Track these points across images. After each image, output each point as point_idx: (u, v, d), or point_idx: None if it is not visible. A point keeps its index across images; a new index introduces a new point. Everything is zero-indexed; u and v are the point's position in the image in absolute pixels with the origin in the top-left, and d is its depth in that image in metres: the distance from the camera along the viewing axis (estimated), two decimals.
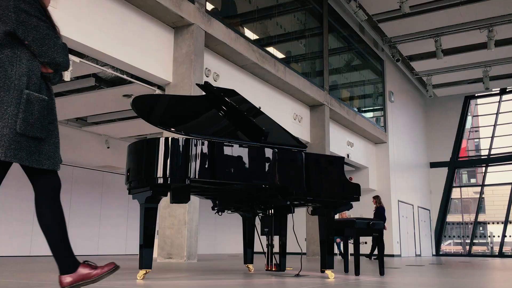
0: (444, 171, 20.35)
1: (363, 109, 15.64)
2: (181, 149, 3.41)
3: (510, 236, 19.18)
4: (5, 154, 2.12)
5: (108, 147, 11.12)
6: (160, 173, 3.35)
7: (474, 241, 20.33)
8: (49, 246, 2.25)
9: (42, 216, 2.27)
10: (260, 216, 4.61)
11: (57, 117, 2.44)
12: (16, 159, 2.16)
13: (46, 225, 2.26)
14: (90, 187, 12.13)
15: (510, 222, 19.07)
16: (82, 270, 2.27)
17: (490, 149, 20.39)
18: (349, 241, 5.44)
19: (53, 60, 2.25)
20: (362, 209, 12.30)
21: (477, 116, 21.72)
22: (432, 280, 4.04)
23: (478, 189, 20.74)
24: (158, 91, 7.87)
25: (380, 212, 11.40)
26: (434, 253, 19.94)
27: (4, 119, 2.10)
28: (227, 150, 3.58)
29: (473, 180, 23.36)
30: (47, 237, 2.25)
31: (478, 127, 21.70)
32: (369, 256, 11.46)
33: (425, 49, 16.05)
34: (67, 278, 2.24)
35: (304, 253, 11.98)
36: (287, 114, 11.06)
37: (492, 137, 20.42)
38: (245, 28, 9.98)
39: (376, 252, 11.30)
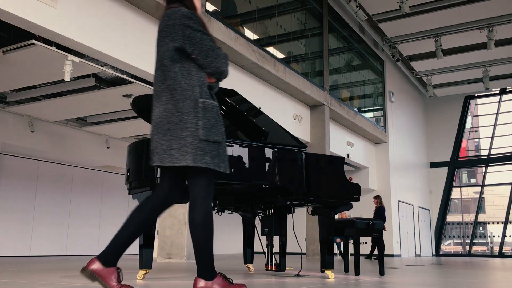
0: (444, 171, 20.35)
1: (363, 109, 15.64)
2: None
3: (510, 236, 19.18)
4: (193, 160, 2.25)
5: (108, 147, 11.12)
6: (160, 173, 3.35)
7: (474, 241, 20.33)
8: (194, 245, 2.32)
9: (192, 216, 2.32)
10: (260, 216, 4.61)
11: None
12: (202, 163, 2.27)
13: (195, 225, 2.31)
14: (90, 187, 12.14)
15: (510, 222, 19.07)
16: (218, 281, 2.31)
17: (490, 149, 20.39)
18: (349, 241, 5.44)
19: (218, 70, 2.39)
20: (362, 209, 12.30)
21: (477, 116, 21.72)
22: (432, 280, 4.04)
23: (478, 189, 20.74)
24: None
25: (380, 212, 11.40)
26: (434, 253, 19.94)
27: (186, 128, 2.26)
28: (227, 150, 3.57)
29: (473, 180, 23.36)
30: (194, 239, 2.31)
31: (478, 127, 21.70)
32: (369, 256, 11.45)
33: (425, 49, 16.05)
34: (201, 283, 2.27)
35: (304, 253, 11.98)
36: (287, 114, 11.06)
37: (492, 137, 20.41)
38: (245, 28, 9.98)
39: (376, 252, 11.30)
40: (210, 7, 8.59)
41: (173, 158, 2.25)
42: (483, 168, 20.66)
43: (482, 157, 20.69)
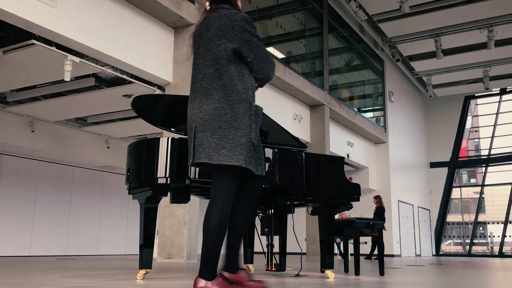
0: (444, 171, 20.35)
1: (363, 109, 15.64)
2: (181, 149, 3.41)
3: (510, 236, 19.18)
4: (245, 161, 2.28)
5: (108, 147, 11.12)
6: (160, 173, 3.35)
7: (474, 241, 20.33)
8: (227, 242, 2.39)
9: (235, 215, 2.40)
10: (260, 216, 4.60)
11: None
12: (250, 165, 2.31)
13: (234, 224, 2.39)
14: (90, 187, 12.14)
15: (510, 222, 19.07)
16: (242, 274, 2.41)
17: (490, 149, 20.39)
18: (349, 241, 5.44)
19: (267, 76, 2.47)
20: (362, 209, 12.30)
21: (477, 116, 21.72)
22: (432, 280, 4.04)
23: (478, 189, 20.74)
24: (158, 91, 7.87)
25: (380, 212, 11.40)
26: (434, 253, 19.94)
27: (241, 129, 2.30)
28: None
29: (473, 180, 23.36)
30: (230, 234, 2.38)
31: (478, 127, 21.70)
32: (369, 256, 11.45)
33: (425, 49, 16.05)
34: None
35: (304, 253, 11.99)
36: (287, 114, 11.06)
37: (492, 137, 20.41)
38: None
39: (376, 252, 11.30)
40: None
41: (224, 156, 2.25)
42: (483, 168, 20.66)
43: (482, 157, 20.69)
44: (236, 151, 2.26)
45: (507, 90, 20.37)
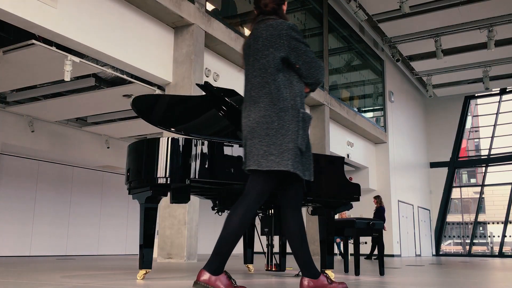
0: (444, 171, 20.35)
1: (363, 109, 15.64)
2: (181, 149, 3.41)
3: (510, 236, 19.18)
4: (293, 166, 2.35)
5: (108, 147, 11.12)
6: (160, 173, 3.35)
7: (474, 241, 20.33)
8: (292, 251, 2.43)
9: (289, 223, 2.45)
10: (260, 216, 4.60)
11: None
12: (298, 170, 2.38)
13: (292, 232, 2.43)
14: (90, 187, 12.13)
15: (510, 222, 19.07)
16: (322, 279, 2.43)
17: (490, 149, 20.38)
18: (349, 241, 5.44)
19: (317, 80, 2.52)
20: (362, 209, 12.30)
21: (477, 116, 21.72)
22: (432, 280, 4.04)
23: (478, 189, 20.74)
24: (158, 91, 7.87)
25: (380, 212, 11.40)
26: (434, 253, 19.94)
27: (287, 136, 2.36)
28: (227, 150, 3.57)
29: (473, 180, 23.36)
30: (291, 244, 2.43)
31: (478, 127, 21.70)
32: (369, 256, 11.45)
33: (425, 49, 16.05)
34: (310, 282, 2.39)
35: None
36: None
37: (492, 137, 20.41)
38: (245, 28, 9.98)
39: (376, 252, 11.30)
40: (210, 7, 8.59)
41: (272, 162, 2.33)
42: (483, 168, 20.66)
43: (482, 157, 20.69)
44: (284, 157, 2.33)
45: (507, 90, 20.37)
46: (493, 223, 20.82)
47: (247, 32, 9.95)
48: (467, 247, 20.23)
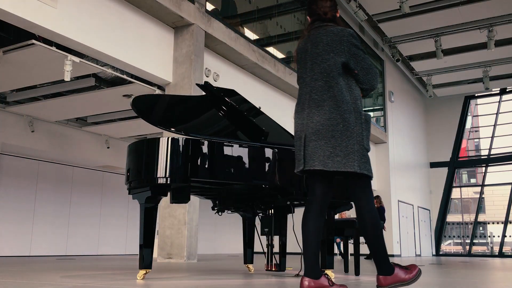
0: (444, 171, 20.35)
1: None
2: (181, 149, 3.41)
3: (510, 236, 19.18)
4: (359, 167, 2.44)
5: (108, 147, 11.12)
6: (160, 173, 3.35)
7: (474, 241, 20.33)
8: (368, 245, 2.51)
9: (365, 223, 2.51)
10: (260, 216, 4.60)
11: None
12: (365, 170, 2.47)
13: (367, 231, 2.50)
14: (90, 187, 12.13)
15: (510, 222, 19.07)
16: (399, 273, 2.48)
17: (490, 149, 20.38)
18: (349, 241, 5.44)
19: (372, 86, 2.64)
20: None
21: (477, 116, 21.72)
22: (432, 280, 4.03)
23: (478, 189, 20.74)
24: (158, 91, 7.87)
25: (380, 212, 11.40)
26: (434, 253, 19.94)
27: (352, 137, 2.46)
28: (227, 150, 3.57)
29: (473, 180, 23.36)
30: (368, 238, 2.50)
31: (478, 127, 21.70)
32: (369, 256, 11.45)
33: (425, 49, 16.05)
34: (387, 279, 2.46)
35: None
36: (287, 114, 11.05)
37: (492, 137, 20.41)
38: (245, 28, 9.98)
39: None
40: (210, 7, 8.59)
41: (339, 164, 2.42)
42: (483, 168, 20.66)
43: (482, 157, 20.69)
44: (350, 158, 2.42)
45: (507, 90, 20.37)
46: (493, 223, 20.83)
47: (247, 32, 9.95)
48: (467, 247, 20.23)
